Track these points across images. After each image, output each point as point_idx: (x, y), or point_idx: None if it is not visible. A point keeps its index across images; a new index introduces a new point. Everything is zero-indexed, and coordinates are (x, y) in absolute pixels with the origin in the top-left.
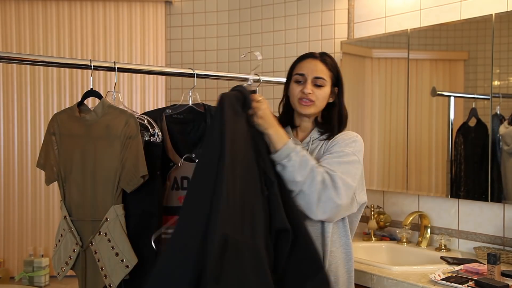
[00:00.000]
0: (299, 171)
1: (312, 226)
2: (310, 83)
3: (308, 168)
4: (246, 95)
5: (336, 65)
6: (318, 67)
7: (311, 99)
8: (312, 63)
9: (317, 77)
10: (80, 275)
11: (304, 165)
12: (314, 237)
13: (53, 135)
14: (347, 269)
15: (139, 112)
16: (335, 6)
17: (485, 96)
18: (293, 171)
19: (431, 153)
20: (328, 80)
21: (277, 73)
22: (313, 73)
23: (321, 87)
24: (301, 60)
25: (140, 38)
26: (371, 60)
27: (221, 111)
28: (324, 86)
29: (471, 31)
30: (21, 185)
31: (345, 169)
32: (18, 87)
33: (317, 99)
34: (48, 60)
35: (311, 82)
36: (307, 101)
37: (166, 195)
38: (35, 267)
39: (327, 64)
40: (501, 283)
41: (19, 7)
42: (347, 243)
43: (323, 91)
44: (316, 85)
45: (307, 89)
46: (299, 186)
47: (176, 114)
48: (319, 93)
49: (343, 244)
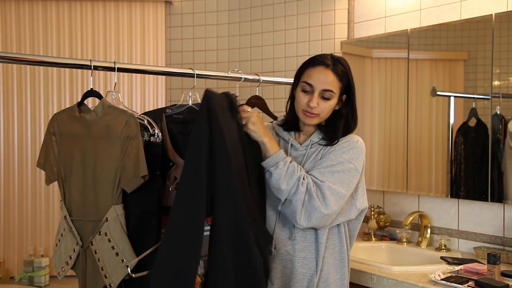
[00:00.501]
0: (285, 179)
1: (306, 231)
2: (317, 95)
3: (294, 178)
4: (232, 99)
5: (347, 73)
6: (329, 78)
7: (316, 113)
8: (322, 73)
9: (325, 90)
10: (80, 275)
11: (290, 174)
12: (308, 243)
13: (53, 135)
14: (339, 276)
15: (139, 112)
16: (335, 6)
17: (485, 96)
18: (278, 179)
19: (431, 153)
20: (337, 91)
21: (277, 73)
22: (322, 85)
23: (328, 100)
24: (312, 67)
25: (140, 38)
26: (371, 60)
27: (209, 106)
28: (331, 98)
29: (471, 31)
30: (21, 185)
31: (337, 178)
32: (18, 87)
33: (322, 112)
34: (48, 60)
35: (318, 95)
36: (312, 114)
37: (166, 195)
38: (35, 267)
39: (338, 74)
40: (501, 283)
41: (19, 7)
42: (342, 250)
43: (328, 104)
44: (323, 98)
45: (313, 103)
46: (284, 195)
47: (176, 114)
48: (325, 106)
49: (337, 251)
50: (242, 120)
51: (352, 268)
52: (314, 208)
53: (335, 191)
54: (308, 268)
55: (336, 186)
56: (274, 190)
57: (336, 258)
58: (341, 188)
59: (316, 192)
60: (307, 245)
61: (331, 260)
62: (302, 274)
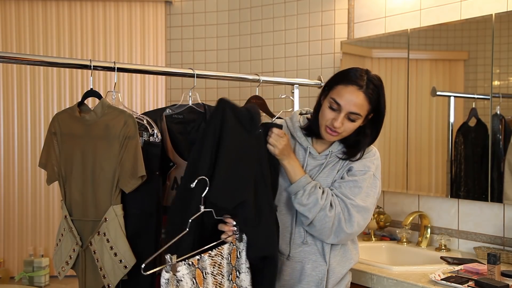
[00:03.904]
0: (309, 210)
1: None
2: (344, 116)
3: (317, 207)
4: (253, 116)
5: (378, 95)
6: (359, 101)
7: (338, 132)
8: (354, 95)
9: (353, 113)
10: (80, 275)
11: (312, 204)
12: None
13: (54, 135)
14: (344, 269)
15: (139, 112)
16: (335, 6)
17: (485, 96)
18: (303, 210)
19: (431, 153)
20: (364, 114)
21: (277, 73)
22: (350, 108)
23: (353, 121)
24: (344, 85)
25: (140, 38)
26: (371, 60)
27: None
28: (357, 120)
29: (471, 31)
30: (21, 185)
31: (364, 193)
32: (18, 87)
33: (345, 131)
34: (48, 60)
35: (345, 116)
36: (334, 133)
37: (166, 195)
38: (35, 267)
39: (369, 97)
40: (501, 283)
41: (19, 7)
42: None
43: (353, 125)
44: (349, 119)
45: (337, 123)
46: (309, 220)
47: (176, 114)
48: (349, 126)
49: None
50: (269, 141)
51: (352, 268)
52: (341, 230)
53: (361, 208)
54: (319, 271)
55: (363, 202)
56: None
57: (340, 252)
58: (367, 202)
59: (344, 214)
60: (317, 248)
61: (334, 254)
62: (312, 276)
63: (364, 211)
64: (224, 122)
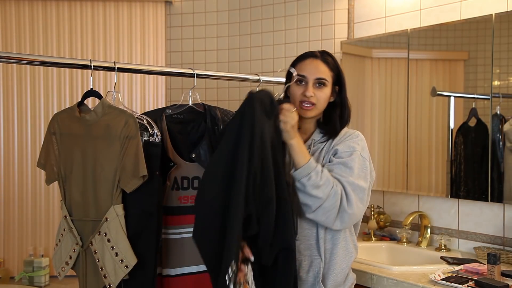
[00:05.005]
0: (323, 190)
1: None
2: (312, 85)
3: (330, 184)
4: (272, 99)
5: (337, 64)
6: (320, 67)
7: (313, 102)
8: (313, 63)
9: (319, 78)
10: (81, 275)
11: (327, 182)
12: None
13: (54, 135)
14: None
15: (139, 112)
16: (335, 6)
17: (485, 96)
18: (317, 192)
19: (431, 153)
20: (330, 80)
21: (277, 73)
22: (315, 75)
23: (322, 88)
24: (301, 60)
25: (140, 38)
26: (371, 60)
27: (252, 109)
28: (326, 86)
29: (471, 31)
30: (21, 185)
31: (356, 174)
32: (18, 87)
33: (318, 101)
34: (48, 60)
35: (313, 84)
36: (309, 104)
37: (166, 195)
38: (35, 267)
39: (328, 63)
40: (501, 283)
41: (19, 7)
42: (346, 239)
43: (324, 93)
44: (317, 87)
45: (308, 92)
46: (319, 202)
47: (176, 114)
48: (320, 95)
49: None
50: (280, 118)
51: (353, 268)
52: (343, 210)
53: (358, 187)
54: (314, 266)
55: (358, 181)
56: (306, 199)
57: (342, 247)
58: (361, 181)
59: (343, 193)
60: (312, 243)
61: (336, 251)
62: (308, 271)
63: (359, 189)
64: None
